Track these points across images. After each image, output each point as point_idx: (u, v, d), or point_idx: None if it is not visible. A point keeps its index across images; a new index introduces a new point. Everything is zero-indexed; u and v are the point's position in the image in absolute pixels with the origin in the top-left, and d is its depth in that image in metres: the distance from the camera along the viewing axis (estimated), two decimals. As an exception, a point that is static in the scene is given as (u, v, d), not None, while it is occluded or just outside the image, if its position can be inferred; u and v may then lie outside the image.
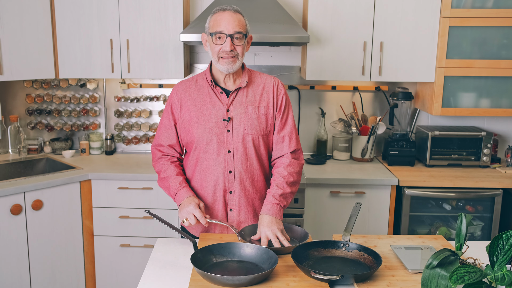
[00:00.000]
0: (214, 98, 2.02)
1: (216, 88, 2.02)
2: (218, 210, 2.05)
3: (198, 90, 2.05)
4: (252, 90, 2.04)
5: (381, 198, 2.98)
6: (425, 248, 1.86)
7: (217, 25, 1.93)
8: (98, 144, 3.48)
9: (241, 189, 2.03)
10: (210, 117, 2.00)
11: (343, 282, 1.57)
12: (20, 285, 2.81)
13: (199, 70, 3.47)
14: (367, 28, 3.07)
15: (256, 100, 2.03)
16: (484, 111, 3.14)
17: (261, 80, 2.08)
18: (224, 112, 2.00)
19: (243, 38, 1.95)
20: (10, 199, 2.71)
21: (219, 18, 1.93)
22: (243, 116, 2.00)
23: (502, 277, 1.29)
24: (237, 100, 2.02)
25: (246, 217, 2.07)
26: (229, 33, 1.91)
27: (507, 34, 3.04)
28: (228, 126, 2.00)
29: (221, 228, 2.08)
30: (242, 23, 1.94)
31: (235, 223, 2.06)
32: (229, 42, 1.91)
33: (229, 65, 1.94)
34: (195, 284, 1.55)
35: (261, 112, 2.03)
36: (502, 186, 2.95)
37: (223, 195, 2.03)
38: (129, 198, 3.00)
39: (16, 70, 3.02)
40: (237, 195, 2.04)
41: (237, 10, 1.96)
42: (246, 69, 2.07)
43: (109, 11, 3.08)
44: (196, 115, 2.01)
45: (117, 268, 3.08)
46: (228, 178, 2.02)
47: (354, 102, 3.47)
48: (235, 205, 2.05)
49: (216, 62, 1.96)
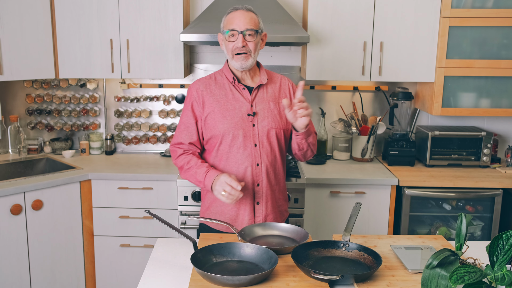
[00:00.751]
0: (236, 94, 2.10)
1: (239, 84, 2.11)
2: (246, 203, 2.10)
3: (218, 87, 2.12)
4: (271, 87, 2.16)
5: (381, 198, 2.98)
6: (425, 248, 1.86)
7: (230, 24, 2.03)
8: (98, 144, 3.48)
9: (267, 181, 2.11)
10: (235, 112, 2.08)
11: (343, 282, 1.57)
12: (20, 285, 2.81)
13: (199, 70, 3.47)
14: (367, 28, 3.07)
15: (276, 97, 2.14)
16: (484, 111, 3.14)
17: (277, 79, 2.20)
18: (248, 107, 2.09)
19: (255, 35, 2.03)
20: (10, 199, 2.71)
21: (232, 17, 2.03)
22: (266, 111, 2.10)
23: (502, 277, 1.29)
24: (259, 96, 2.12)
25: (272, 209, 2.14)
26: (240, 30, 2.00)
27: (507, 34, 3.04)
28: (253, 120, 2.08)
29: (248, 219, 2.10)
30: (254, 20, 2.04)
31: (263, 216, 2.12)
32: (241, 38, 2.00)
33: (243, 61, 2.03)
34: (195, 284, 1.55)
35: (281, 108, 2.13)
36: (502, 186, 2.95)
37: (252, 188, 2.10)
38: (129, 198, 3.00)
39: (16, 70, 3.02)
40: (264, 188, 2.11)
41: (250, 9, 2.05)
42: (263, 68, 2.19)
43: (109, 11, 3.08)
44: (221, 110, 2.08)
45: (117, 268, 3.08)
46: (256, 171, 2.09)
47: (354, 102, 3.47)
48: (262, 198, 2.12)
49: (231, 59, 2.06)
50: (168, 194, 2.98)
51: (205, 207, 2.20)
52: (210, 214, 2.17)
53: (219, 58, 3.47)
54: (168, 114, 3.50)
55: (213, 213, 2.16)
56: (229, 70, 2.12)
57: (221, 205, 2.13)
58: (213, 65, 3.46)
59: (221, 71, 2.16)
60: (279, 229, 1.98)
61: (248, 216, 2.10)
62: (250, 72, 2.12)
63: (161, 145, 3.56)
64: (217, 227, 2.15)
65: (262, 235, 1.95)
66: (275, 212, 2.16)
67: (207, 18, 3.01)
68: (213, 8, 3.07)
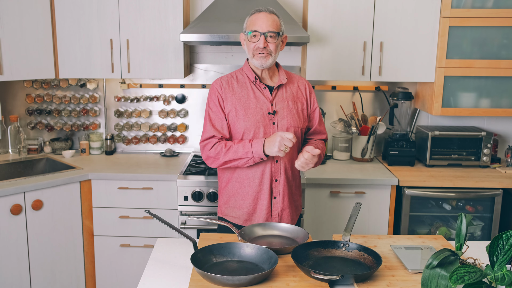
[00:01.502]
0: (257, 93, 2.17)
1: (260, 84, 2.17)
2: (264, 198, 2.17)
3: (240, 85, 2.19)
4: (289, 87, 2.23)
5: (381, 198, 2.98)
6: (425, 248, 1.86)
7: (252, 25, 2.11)
8: (98, 144, 3.48)
9: (285, 177, 2.18)
10: (256, 110, 2.14)
11: (343, 282, 1.57)
12: (20, 285, 2.81)
13: (199, 70, 3.47)
14: (367, 28, 3.07)
15: (294, 96, 2.22)
16: (484, 111, 3.14)
17: (295, 80, 2.28)
18: (269, 106, 2.16)
19: (277, 37, 2.11)
20: (10, 199, 2.71)
21: (255, 18, 2.11)
22: (286, 110, 2.17)
23: (502, 277, 1.29)
24: (278, 96, 2.19)
25: (288, 204, 2.20)
26: (262, 31, 2.08)
27: (507, 34, 3.04)
28: (273, 119, 2.15)
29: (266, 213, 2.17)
30: (276, 23, 2.11)
31: (279, 210, 2.19)
32: (263, 40, 2.08)
33: (263, 60, 2.10)
34: (195, 284, 1.55)
35: (299, 108, 2.22)
36: (502, 186, 2.95)
37: (270, 184, 2.16)
38: (129, 198, 3.00)
39: (16, 70, 3.02)
40: (281, 183, 2.18)
41: (272, 12, 2.13)
42: (282, 68, 2.26)
43: (109, 11, 3.08)
44: (243, 108, 2.14)
45: (117, 268, 3.08)
46: (275, 167, 2.16)
47: (354, 102, 3.47)
48: (280, 193, 2.18)
49: (251, 58, 2.13)
50: (168, 194, 2.98)
51: (223, 201, 2.26)
52: (228, 208, 2.23)
53: (219, 58, 3.47)
54: (168, 114, 3.50)
55: (231, 207, 2.22)
56: (250, 69, 2.19)
57: (239, 199, 2.19)
58: (213, 65, 3.46)
59: (242, 70, 2.23)
60: (279, 229, 1.98)
61: (265, 210, 2.17)
62: (269, 72, 2.20)
63: (161, 145, 3.56)
64: (233, 220, 2.22)
65: (262, 235, 1.96)
66: (291, 207, 2.23)
67: (207, 18, 3.01)
68: (213, 8, 3.07)
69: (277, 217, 2.19)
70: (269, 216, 2.18)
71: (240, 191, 2.18)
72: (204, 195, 2.89)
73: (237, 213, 2.20)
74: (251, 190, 2.16)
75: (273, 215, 2.19)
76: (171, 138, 3.53)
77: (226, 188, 2.23)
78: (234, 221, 2.21)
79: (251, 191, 2.16)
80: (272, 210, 2.18)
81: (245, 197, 2.18)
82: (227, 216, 2.23)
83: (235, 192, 2.20)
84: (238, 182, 2.18)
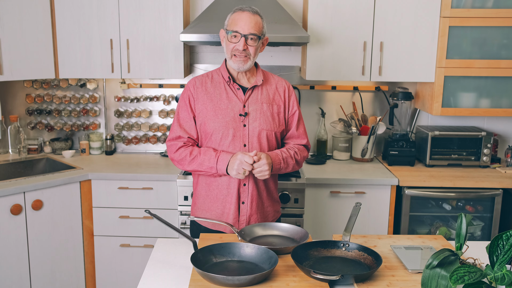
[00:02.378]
0: (230, 94, 2.11)
1: (233, 84, 2.12)
2: (231, 202, 2.11)
3: (214, 85, 2.13)
4: (266, 88, 2.16)
5: (381, 198, 2.98)
6: (425, 248, 1.86)
7: (234, 24, 2.03)
8: (98, 144, 3.48)
9: (253, 182, 2.12)
10: (227, 111, 2.09)
11: (343, 282, 1.57)
12: (20, 285, 2.81)
13: (199, 70, 3.47)
14: (367, 28, 3.07)
15: (270, 99, 2.15)
16: (484, 111, 3.14)
17: (274, 81, 2.20)
18: (241, 107, 2.10)
19: (257, 40, 2.05)
20: (10, 199, 2.71)
21: (237, 18, 2.03)
22: (259, 112, 2.11)
23: (502, 277, 1.29)
24: (252, 97, 2.12)
25: (256, 210, 2.15)
26: (244, 33, 2.01)
27: (507, 34, 3.04)
28: (244, 121, 2.09)
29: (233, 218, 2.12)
30: (258, 25, 2.04)
31: (247, 215, 2.13)
32: (243, 42, 2.01)
33: (240, 63, 2.05)
34: (195, 284, 1.55)
35: (274, 110, 2.14)
36: (502, 186, 2.95)
37: (237, 188, 2.11)
38: (129, 198, 3.00)
39: (16, 70, 3.02)
40: (250, 188, 2.12)
41: (256, 12, 2.05)
42: (260, 69, 2.18)
43: (109, 11, 3.08)
44: (213, 109, 2.09)
45: (117, 268, 3.08)
46: None
47: (354, 102, 3.47)
48: (248, 198, 2.13)
49: (229, 59, 2.07)
50: (168, 194, 2.98)
51: (194, 202, 2.24)
52: (198, 210, 2.20)
53: (219, 58, 3.47)
54: (168, 114, 3.50)
55: (200, 209, 2.19)
56: (225, 69, 2.13)
57: (208, 202, 2.16)
58: (213, 65, 3.46)
59: (219, 69, 2.17)
60: (279, 229, 1.98)
61: (232, 215, 2.12)
62: (246, 73, 2.14)
63: (161, 145, 3.56)
64: (207, 225, 2.18)
65: (262, 235, 1.96)
66: (260, 212, 2.17)
67: (207, 18, 3.01)
68: (213, 8, 3.07)
69: (245, 222, 2.13)
70: (236, 221, 2.12)
71: (209, 193, 2.14)
72: (204, 195, 2.89)
73: (206, 215, 2.16)
74: (219, 193, 2.12)
75: (241, 220, 2.13)
76: (171, 138, 3.53)
77: (196, 190, 2.21)
78: (206, 225, 2.18)
79: (219, 194, 2.12)
80: (239, 215, 2.13)
81: (213, 200, 2.14)
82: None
83: (204, 195, 2.16)
84: (207, 185, 2.14)
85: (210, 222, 2.15)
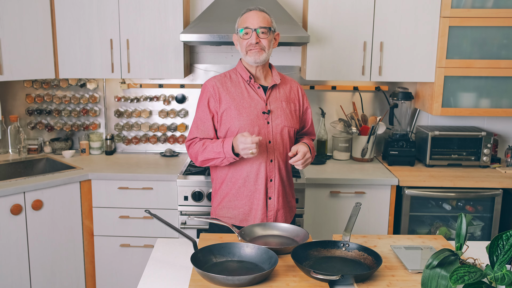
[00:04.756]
0: (252, 93, 2.17)
1: (254, 83, 2.17)
2: (259, 198, 2.16)
3: (234, 84, 2.18)
4: (282, 88, 2.24)
5: (381, 198, 2.98)
6: (425, 248, 1.86)
7: (244, 22, 2.12)
8: (98, 144, 3.48)
9: (279, 177, 2.18)
10: (250, 109, 2.14)
11: (343, 282, 1.57)
12: (20, 285, 2.81)
13: (199, 70, 3.47)
14: (367, 28, 3.07)
15: (287, 97, 2.23)
16: (484, 111, 3.14)
17: (287, 81, 2.29)
18: (263, 105, 2.16)
19: (268, 32, 2.11)
20: (10, 199, 2.71)
21: (246, 16, 2.12)
22: (280, 110, 2.18)
23: (502, 277, 1.29)
24: (272, 95, 2.19)
25: (282, 204, 2.20)
26: (254, 28, 2.08)
27: (507, 34, 3.04)
28: (268, 118, 2.15)
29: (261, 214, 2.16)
30: (267, 19, 2.12)
31: (274, 210, 2.18)
32: (255, 35, 2.08)
33: (256, 55, 2.10)
34: (195, 284, 1.55)
35: (292, 108, 2.23)
36: (502, 186, 2.95)
37: (265, 184, 2.15)
38: (129, 198, 3.00)
39: (16, 70, 3.02)
40: (276, 184, 2.18)
41: (263, 10, 2.14)
42: (275, 69, 2.26)
43: (109, 11, 3.08)
44: (237, 107, 2.13)
45: (117, 268, 3.08)
46: (269, 167, 2.16)
47: (354, 102, 3.47)
48: (274, 193, 2.18)
49: (245, 55, 2.13)
50: (168, 194, 2.98)
51: (217, 202, 2.24)
52: (223, 209, 2.21)
53: (219, 58, 3.47)
54: (168, 114, 3.50)
55: (226, 208, 2.21)
56: (244, 69, 2.18)
57: (234, 199, 2.18)
58: (213, 65, 3.46)
59: (235, 70, 2.23)
60: (279, 229, 1.98)
61: (261, 210, 2.16)
62: (263, 72, 2.20)
63: (161, 145, 3.56)
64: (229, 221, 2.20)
65: (262, 235, 1.96)
66: (285, 207, 2.23)
67: (207, 18, 3.01)
68: (213, 8, 3.07)
69: (272, 217, 2.18)
70: (264, 217, 2.17)
71: (235, 191, 2.17)
72: (204, 195, 2.89)
73: (233, 213, 2.19)
74: (246, 190, 2.16)
75: (269, 215, 2.18)
76: (171, 138, 3.53)
77: (220, 189, 2.22)
78: (230, 221, 2.20)
79: (246, 191, 2.16)
80: (267, 211, 2.17)
81: (240, 197, 2.17)
82: (221, 217, 2.21)
83: (230, 193, 2.18)
84: (233, 183, 2.17)
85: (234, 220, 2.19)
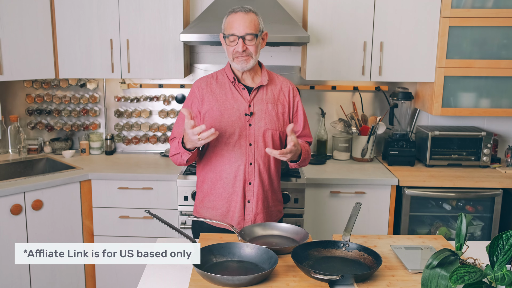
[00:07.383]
0: (236, 94, 2.13)
1: (239, 84, 2.13)
2: (236, 201, 2.12)
3: (219, 86, 2.15)
4: (271, 88, 2.17)
5: (381, 198, 2.98)
6: (425, 248, 1.86)
7: (229, 28, 2.03)
8: (98, 144, 3.48)
9: (259, 180, 2.13)
10: (232, 111, 2.10)
11: (343, 282, 1.57)
12: (20, 285, 2.81)
13: (199, 70, 3.47)
14: (367, 28, 3.07)
15: (275, 99, 2.16)
16: (484, 111, 3.14)
17: (278, 81, 2.21)
18: (246, 107, 2.11)
19: (255, 38, 2.03)
20: (10, 199, 2.71)
21: (231, 20, 2.03)
22: (264, 112, 2.12)
23: (502, 277, 1.29)
24: (257, 97, 2.14)
25: (262, 209, 2.15)
26: (240, 35, 2.00)
27: (507, 34, 3.04)
28: (250, 120, 2.11)
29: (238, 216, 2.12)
30: (254, 23, 2.02)
31: (252, 214, 2.14)
32: (241, 43, 2.01)
33: (243, 63, 2.05)
34: (195, 284, 1.55)
35: (279, 110, 2.16)
36: (502, 186, 2.95)
37: (243, 186, 2.12)
38: (129, 198, 3.00)
39: (16, 70, 3.02)
40: (255, 187, 2.13)
41: (250, 10, 2.04)
42: (265, 69, 2.19)
43: (109, 11, 3.08)
44: (219, 109, 2.10)
45: (117, 268, 3.08)
46: (248, 169, 2.11)
47: (354, 102, 3.47)
48: (253, 196, 2.14)
49: (232, 61, 2.09)
50: (168, 194, 2.98)
51: (199, 201, 2.24)
52: (203, 208, 2.20)
53: (219, 58, 3.47)
54: (168, 114, 3.50)
55: (205, 207, 2.19)
56: (230, 70, 2.14)
57: (213, 200, 2.16)
58: (213, 65, 3.46)
59: (223, 70, 2.19)
60: (279, 229, 1.98)
61: (238, 213, 2.13)
62: (251, 72, 2.14)
63: (161, 145, 3.56)
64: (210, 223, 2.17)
65: (262, 235, 1.96)
66: (266, 212, 2.18)
67: (207, 18, 3.01)
68: (213, 8, 3.07)
69: (250, 221, 2.14)
70: (242, 220, 2.13)
71: (214, 191, 2.15)
72: (204, 195, 2.89)
73: (212, 213, 2.16)
74: (224, 192, 2.13)
75: (246, 219, 2.14)
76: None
77: (201, 188, 2.21)
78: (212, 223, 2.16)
79: (224, 192, 2.13)
80: (245, 214, 2.14)
81: (218, 198, 2.14)
82: (201, 217, 2.19)
83: (210, 193, 2.16)
84: (212, 183, 2.15)
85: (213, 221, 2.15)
